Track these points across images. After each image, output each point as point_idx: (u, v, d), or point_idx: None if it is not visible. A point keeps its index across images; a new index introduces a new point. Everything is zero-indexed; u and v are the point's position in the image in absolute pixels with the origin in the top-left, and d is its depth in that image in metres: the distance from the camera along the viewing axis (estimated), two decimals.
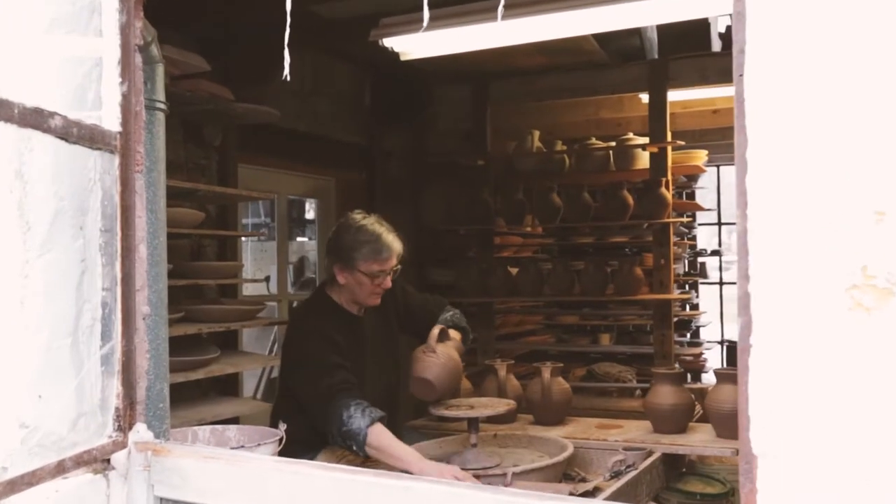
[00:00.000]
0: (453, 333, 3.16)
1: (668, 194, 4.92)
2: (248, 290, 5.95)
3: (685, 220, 6.24)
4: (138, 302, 1.71)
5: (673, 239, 5.12)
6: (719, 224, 9.20)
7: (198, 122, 4.29)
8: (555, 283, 5.19)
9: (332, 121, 5.50)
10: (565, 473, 3.00)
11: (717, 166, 8.76)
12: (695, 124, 6.23)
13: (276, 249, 5.43)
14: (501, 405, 3.08)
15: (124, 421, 1.59)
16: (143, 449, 1.66)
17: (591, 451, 3.22)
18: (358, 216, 3.08)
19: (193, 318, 3.73)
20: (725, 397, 3.09)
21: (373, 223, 3.04)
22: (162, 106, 2.07)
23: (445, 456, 3.08)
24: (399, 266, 3.06)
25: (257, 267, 7.55)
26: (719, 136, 6.81)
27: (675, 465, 3.29)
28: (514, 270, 5.51)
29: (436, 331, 3.07)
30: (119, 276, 1.55)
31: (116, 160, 1.56)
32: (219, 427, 2.67)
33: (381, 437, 2.73)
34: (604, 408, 4.93)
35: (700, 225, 8.96)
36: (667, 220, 4.92)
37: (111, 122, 1.56)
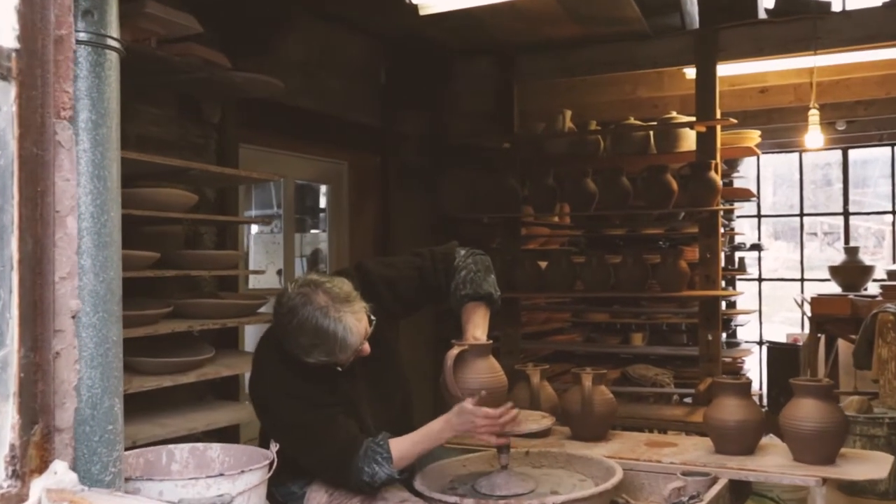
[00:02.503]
0: (477, 335, 2.50)
1: (718, 179, 4.42)
2: (260, 284, 5.51)
3: (736, 206, 5.74)
4: (61, 294, 1.24)
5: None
6: (759, 216, 8.64)
7: (193, 95, 3.84)
8: (588, 277, 4.69)
9: (344, 98, 5.02)
10: (612, 501, 2.53)
11: (757, 156, 8.20)
12: (739, 105, 5.74)
13: (283, 239, 4.96)
14: (537, 420, 2.60)
15: (26, 462, 1.13)
16: (57, 500, 1.19)
17: (641, 473, 2.75)
18: (297, 299, 2.24)
19: (183, 313, 3.28)
20: (806, 414, 2.60)
21: (321, 311, 2.22)
22: (115, 44, 1.61)
23: (471, 477, 2.62)
24: (372, 324, 2.35)
25: (269, 260, 7.14)
26: (765, 119, 6.31)
27: (740, 492, 2.79)
28: (542, 264, 5.02)
29: (450, 363, 2.36)
30: (15, 258, 1.08)
31: (12, 91, 1.09)
32: (200, 446, 2.22)
33: (403, 454, 2.36)
34: (643, 416, 4.45)
35: (739, 217, 8.42)
36: (716, 207, 4.42)
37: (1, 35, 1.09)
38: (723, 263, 7.33)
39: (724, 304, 7.36)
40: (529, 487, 2.49)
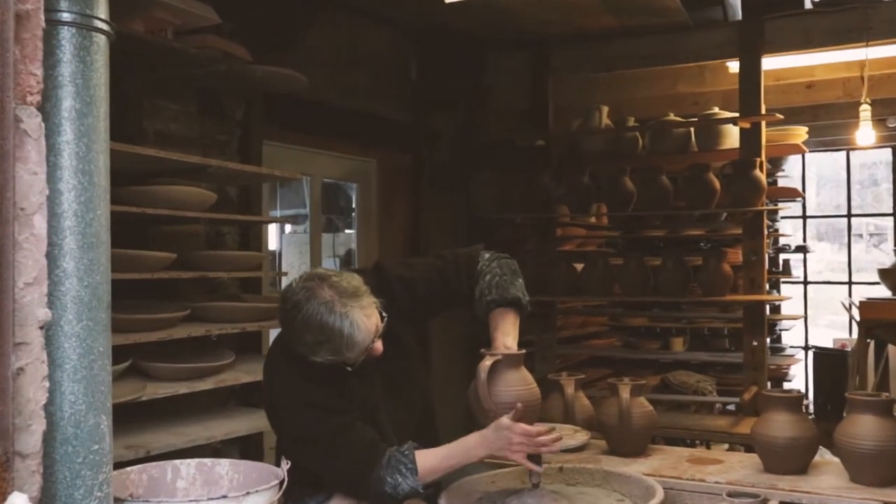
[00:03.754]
0: (508, 343, 2.31)
1: (763, 177, 4.19)
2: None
3: (784, 206, 5.49)
4: (26, 303, 1.10)
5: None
6: (804, 217, 8.34)
7: (215, 91, 3.71)
8: (627, 280, 4.48)
9: (372, 94, 4.87)
10: None
11: (802, 154, 7.91)
12: (783, 101, 5.48)
13: (310, 239, 4.82)
14: (571, 434, 2.42)
15: None
16: None
17: (684, 493, 2.55)
18: (301, 294, 2.10)
19: (201, 316, 3.15)
20: (865, 432, 2.38)
21: (325, 305, 2.08)
22: (103, 26, 1.47)
23: (500, 495, 2.44)
24: (384, 322, 2.20)
25: (302, 261, 7.04)
26: (810, 116, 6.03)
27: None
28: (578, 266, 4.83)
29: (483, 375, 2.17)
30: None
31: None
32: (207, 462, 2.08)
33: (430, 468, 2.20)
34: (684, 426, 4.24)
35: (783, 218, 8.13)
36: (761, 207, 4.19)
37: None
38: (766, 265, 7.09)
39: (767, 308, 7.12)
40: None
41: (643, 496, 2.40)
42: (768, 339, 6.87)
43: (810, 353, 7.92)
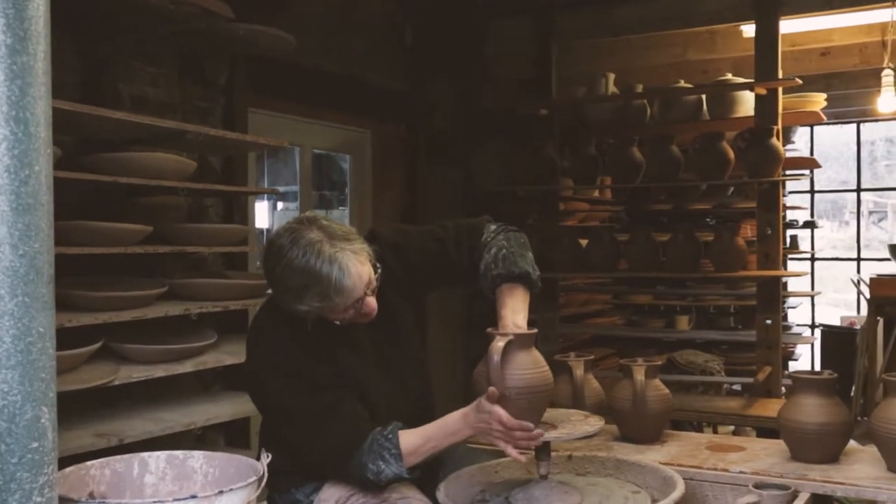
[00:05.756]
0: (518, 322, 2.07)
1: (780, 146, 3.96)
2: None
3: (802, 176, 5.25)
4: None
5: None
6: (812, 192, 8.12)
7: (196, 54, 3.47)
8: (634, 255, 4.25)
9: (366, 60, 4.63)
10: None
11: (812, 126, 7.68)
12: (796, 70, 5.22)
13: (298, 214, 4.59)
14: (582, 421, 2.20)
15: None
16: None
17: (704, 484, 2.34)
18: (286, 237, 1.91)
19: (181, 294, 2.93)
20: None
21: (312, 246, 1.88)
22: None
23: (505, 487, 2.23)
24: (378, 276, 2.01)
25: None
26: (823, 85, 5.79)
27: None
28: (583, 242, 4.60)
29: (497, 358, 1.93)
30: None
31: None
32: (179, 454, 1.87)
33: (412, 449, 2.00)
34: (694, 409, 4.03)
35: (790, 193, 7.90)
36: (779, 177, 3.96)
37: None
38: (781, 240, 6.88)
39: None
40: (573, 502, 2.10)
41: (660, 488, 2.20)
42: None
43: (817, 332, 7.74)
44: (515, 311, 2.09)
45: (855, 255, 8.10)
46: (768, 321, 4.08)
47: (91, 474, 1.72)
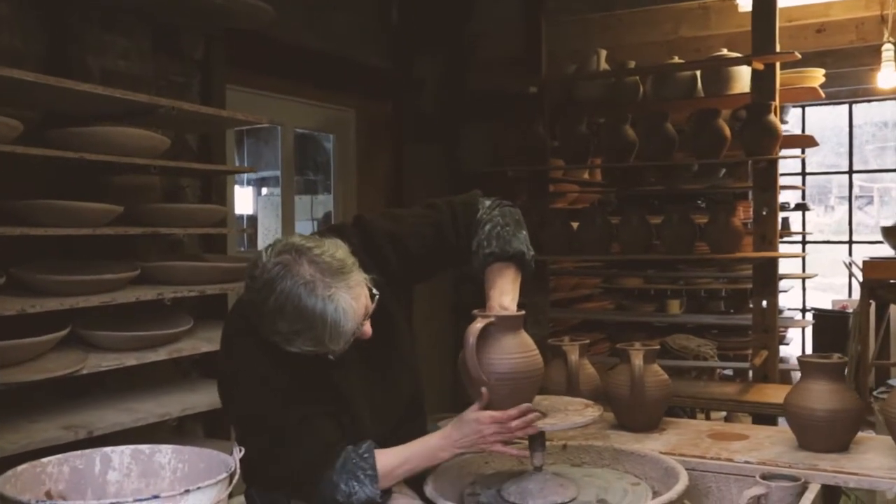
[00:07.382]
0: (505, 304, 1.96)
1: (778, 124, 3.83)
2: None
3: (799, 155, 5.14)
4: None
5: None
6: (803, 174, 8.02)
7: (171, 26, 3.30)
8: (627, 238, 4.12)
9: (351, 37, 4.47)
10: None
11: (803, 106, 7.57)
12: (790, 47, 5.11)
13: (281, 196, 4.43)
14: (579, 410, 2.07)
15: None
16: None
17: (707, 474, 2.23)
18: (274, 270, 1.70)
19: (154, 278, 2.78)
20: None
21: (305, 286, 1.68)
22: None
23: (497, 479, 2.11)
24: (375, 300, 1.82)
25: (280, 225, 6.70)
26: (818, 63, 5.66)
27: (830, 498, 2.26)
28: (574, 224, 4.47)
29: (472, 340, 1.81)
30: None
31: None
32: (145, 449, 1.73)
33: (388, 471, 1.85)
34: (689, 395, 3.91)
35: (781, 175, 7.81)
36: (777, 156, 3.84)
37: None
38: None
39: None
40: (570, 495, 1.98)
41: (661, 479, 2.08)
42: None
43: (808, 316, 7.66)
44: (503, 293, 1.96)
45: (846, 239, 8.01)
46: (764, 304, 3.97)
47: (48, 472, 1.58)
